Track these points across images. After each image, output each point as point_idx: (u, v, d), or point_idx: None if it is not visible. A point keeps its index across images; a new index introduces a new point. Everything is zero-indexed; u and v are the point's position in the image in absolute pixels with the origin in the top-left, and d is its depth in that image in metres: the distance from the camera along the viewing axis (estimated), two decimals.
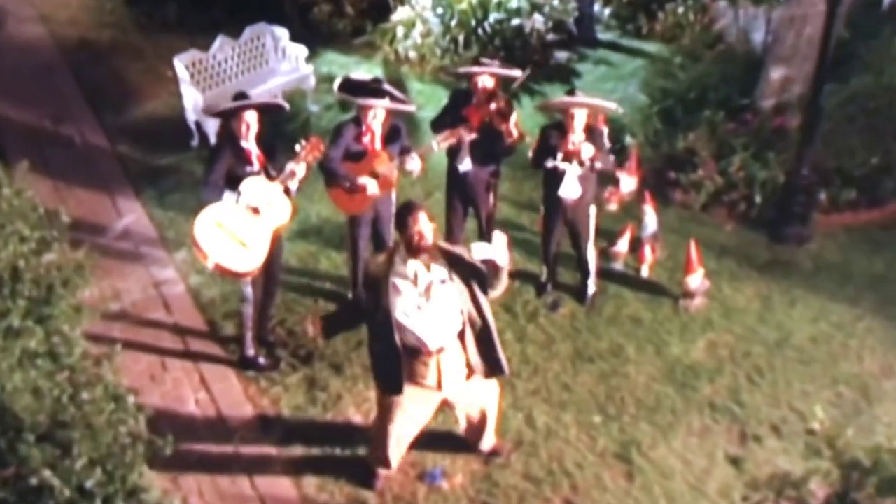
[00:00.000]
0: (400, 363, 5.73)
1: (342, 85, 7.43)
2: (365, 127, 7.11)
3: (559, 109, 7.41)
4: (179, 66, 9.83)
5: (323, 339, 6.24)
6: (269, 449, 6.70)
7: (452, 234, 7.72)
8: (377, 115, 7.06)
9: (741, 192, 8.64)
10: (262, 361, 7.32)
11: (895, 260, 8.25)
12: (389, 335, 5.68)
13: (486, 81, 7.31)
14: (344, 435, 6.77)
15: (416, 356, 5.73)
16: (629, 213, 8.60)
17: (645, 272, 8.11)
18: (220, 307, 7.86)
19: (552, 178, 7.35)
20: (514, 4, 10.83)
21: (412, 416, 6.02)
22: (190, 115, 9.92)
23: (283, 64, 10.51)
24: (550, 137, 7.29)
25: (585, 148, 7.13)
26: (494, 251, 5.54)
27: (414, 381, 5.80)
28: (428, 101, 9.99)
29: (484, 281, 5.66)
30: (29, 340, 4.07)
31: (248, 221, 6.56)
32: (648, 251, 8.08)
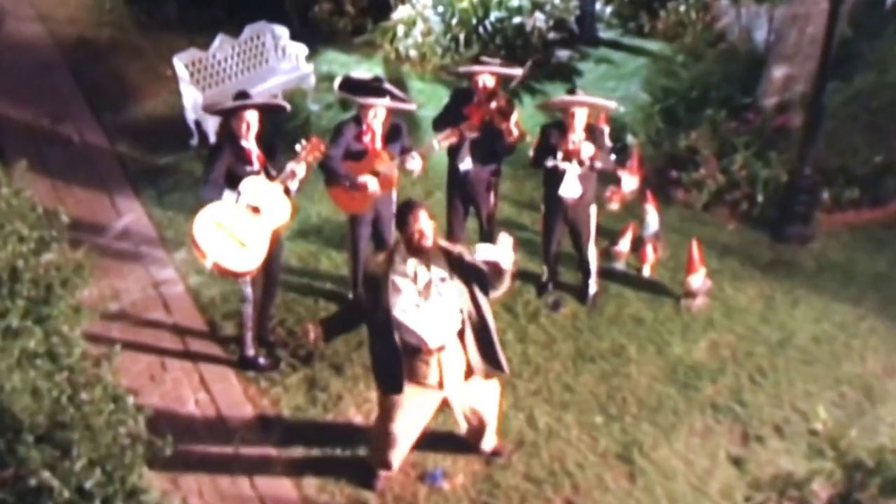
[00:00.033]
0: (400, 362, 5.71)
1: (343, 84, 7.42)
2: (365, 126, 7.09)
3: (559, 108, 7.39)
4: (179, 64, 9.82)
5: (323, 342, 6.21)
6: (269, 449, 6.68)
7: (453, 233, 7.70)
8: (378, 114, 7.05)
9: (743, 191, 8.62)
10: (262, 362, 7.30)
11: None
12: (390, 334, 5.67)
13: (486, 80, 7.29)
14: (344, 435, 6.75)
15: (416, 355, 5.71)
16: (631, 212, 8.58)
17: (646, 272, 8.10)
18: (219, 307, 7.85)
19: (552, 177, 7.33)
20: (515, 3, 10.82)
21: (413, 416, 5.99)
22: (189, 114, 9.91)
23: (283, 63, 10.50)
24: (551, 136, 7.27)
25: (585, 147, 7.11)
26: (499, 253, 5.50)
27: (415, 380, 5.79)
28: (428, 100, 10.00)
29: (484, 281, 5.64)
30: (28, 341, 4.05)
31: (247, 221, 6.55)
32: (650, 250, 8.07)
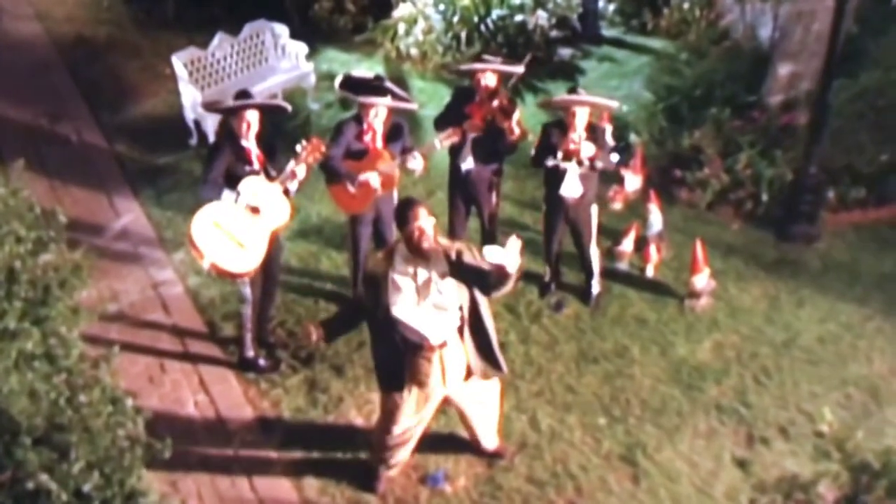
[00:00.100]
0: (401, 361, 5.71)
1: (343, 82, 7.44)
2: (366, 125, 7.07)
3: (561, 107, 7.38)
4: (178, 63, 9.80)
5: (324, 342, 6.16)
6: (269, 451, 6.66)
7: (455, 233, 7.68)
8: (379, 113, 7.03)
9: (748, 190, 8.62)
10: (262, 363, 7.28)
11: None
12: (390, 333, 5.66)
13: (488, 79, 7.28)
14: (345, 437, 6.72)
15: (418, 352, 5.69)
16: (634, 211, 8.57)
17: (650, 272, 8.08)
18: (219, 308, 7.82)
19: (553, 176, 7.32)
20: (517, 0, 10.80)
21: (415, 415, 5.98)
22: (188, 113, 9.90)
23: (282, 61, 10.50)
24: (551, 135, 7.26)
25: (586, 147, 7.10)
26: (506, 256, 5.44)
27: (417, 378, 5.77)
28: (430, 99, 10.02)
29: (484, 280, 5.61)
30: (25, 342, 3.97)
31: (246, 222, 6.52)
32: (653, 250, 8.06)
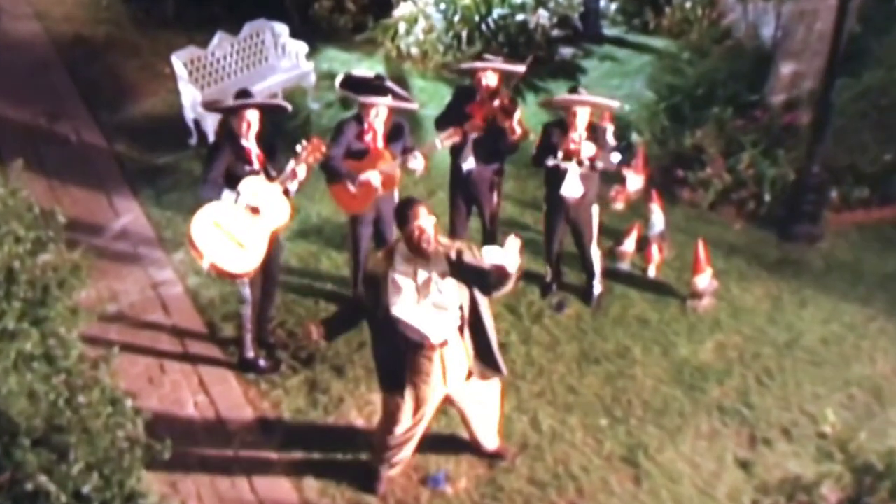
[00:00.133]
0: (402, 361, 5.69)
1: (344, 82, 7.44)
2: (367, 125, 7.06)
3: (561, 107, 7.36)
4: (177, 63, 9.78)
5: (325, 341, 6.13)
6: (269, 452, 6.64)
7: (456, 233, 7.66)
8: (379, 113, 7.01)
9: (750, 190, 8.60)
10: (262, 364, 7.25)
11: None
12: (391, 332, 5.65)
13: (489, 78, 7.26)
14: (346, 438, 6.70)
15: (419, 352, 5.68)
16: (636, 211, 8.55)
17: (652, 272, 8.06)
18: (219, 308, 7.80)
19: (554, 176, 7.30)
20: None
21: (416, 415, 5.96)
22: (188, 112, 9.88)
23: (282, 61, 10.48)
24: (552, 135, 7.25)
25: (586, 147, 7.09)
26: (506, 257, 5.42)
27: (418, 377, 5.75)
28: (430, 98, 10.01)
29: (484, 279, 5.59)
30: (24, 343, 3.94)
31: (245, 222, 6.51)
32: (655, 251, 8.04)
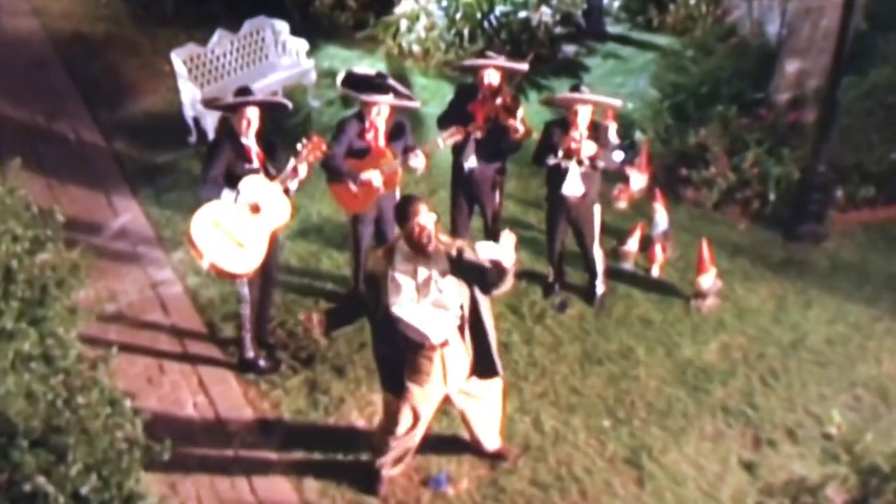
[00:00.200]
0: (402, 360, 5.67)
1: (345, 80, 7.44)
2: (368, 123, 7.04)
3: (563, 105, 7.34)
4: (177, 60, 9.77)
5: (326, 334, 6.07)
6: (269, 453, 6.62)
7: (458, 232, 7.64)
8: (381, 111, 7.00)
9: (755, 189, 8.58)
10: (262, 364, 7.23)
11: None
12: (391, 331, 5.63)
13: (491, 77, 7.25)
14: (346, 439, 6.68)
15: (419, 351, 5.65)
16: (639, 211, 8.54)
17: (655, 272, 8.04)
18: (218, 308, 7.78)
19: (555, 175, 7.28)
20: None
21: (417, 414, 5.93)
22: (188, 111, 9.87)
23: (283, 58, 10.49)
24: (553, 134, 7.23)
25: (587, 146, 7.07)
26: (501, 251, 5.41)
27: (418, 377, 5.73)
28: (432, 96, 10.01)
29: (484, 278, 5.57)
30: (22, 343, 4.00)
31: (245, 221, 6.48)
32: (659, 250, 8.01)
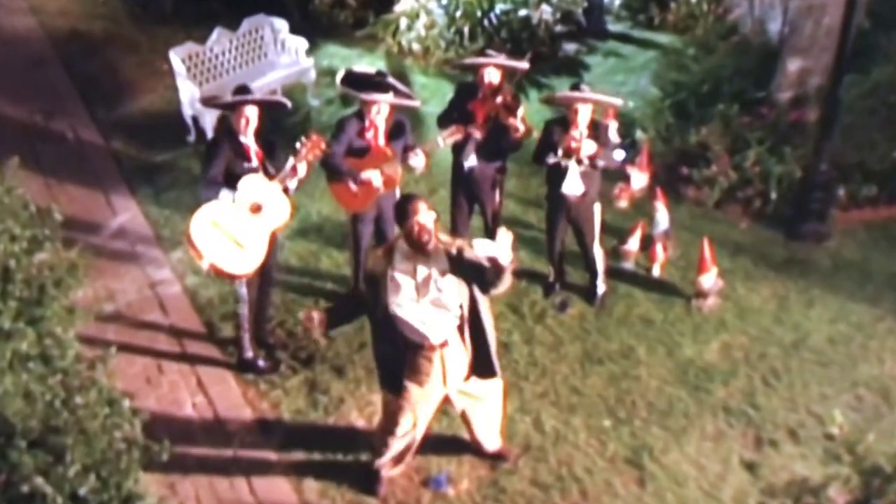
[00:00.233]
0: (401, 360, 5.66)
1: (345, 78, 7.46)
2: (368, 122, 7.02)
3: (563, 104, 7.33)
4: (175, 59, 9.76)
5: (325, 331, 6.04)
6: (268, 454, 6.60)
7: (458, 232, 7.62)
8: (381, 110, 6.98)
9: (756, 188, 8.56)
10: (261, 364, 7.21)
11: None
12: (390, 331, 5.61)
13: (492, 76, 7.23)
14: (346, 439, 6.66)
15: (418, 351, 5.63)
16: (640, 210, 8.53)
17: (656, 271, 8.02)
18: (217, 308, 7.76)
19: (555, 174, 7.27)
20: None
21: (416, 414, 5.92)
22: (186, 109, 9.86)
23: (282, 57, 10.47)
24: (553, 132, 7.21)
25: (586, 145, 7.06)
26: (497, 248, 5.41)
27: (417, 378, 5.71)
28: (432, 95, 9.99)
29: (483, 277, 5.55)
30: (20, 343, 4.00)
31: (245, 221, 6.46)
32: (660, 249, 7.99)
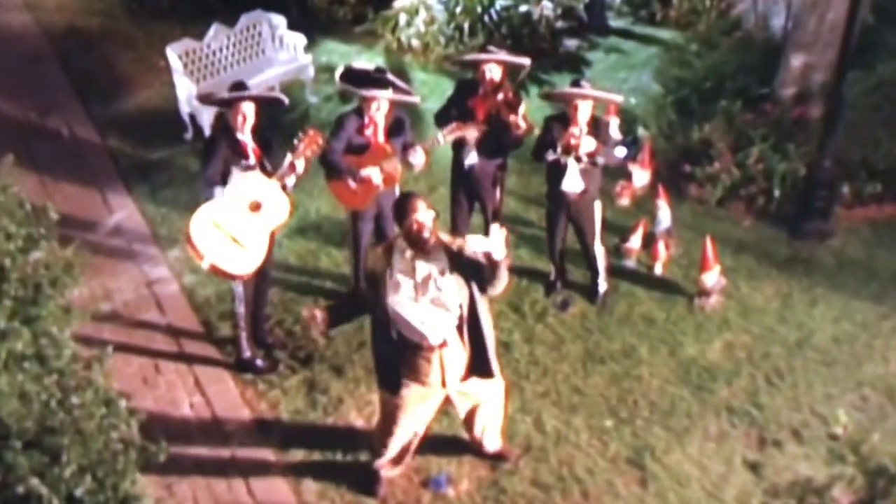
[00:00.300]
0: (399, 360, 5.64)
1: (344, 75, 7.52)
2: (368, 119, 7.01)
3: (563, 100, 7.32)
4: (172, 55, 9.72)
5: (326, 330, 6.01)
6: (267, 454, 6.59)
7: (457, 230, 7.59)
8: (381, 106, 6.96)
9: (759, 185, 8.53)
10: (259, 363, 7.18)
11: None
12: (389, 330, 5.59)
13: (493, 72, 7.20)
14: (345, 440, 6.65)
15: (417, 352, 5.61)
16: (642, 207, 8.49)
17: (658, 270, 7.99)
18: (215, 307, 7.73)
19: (555, 171, 7.25)
20: None
21: (416, 415, 5.91)
22: (183, 106, 9.83)
23: (280, 53, 10.43)
24: (553, 129, 7.19)
25: (586, 142, 7.04)
26: (490, 244, 5.39)
27: (416, 378, 5.69)
28: (432, 91, 9.94)
29: (482, 276, 5.53)
30: (15, 342, 3.98)
31: (245, 220, 6.43)
32: (662, 248, 7.97)
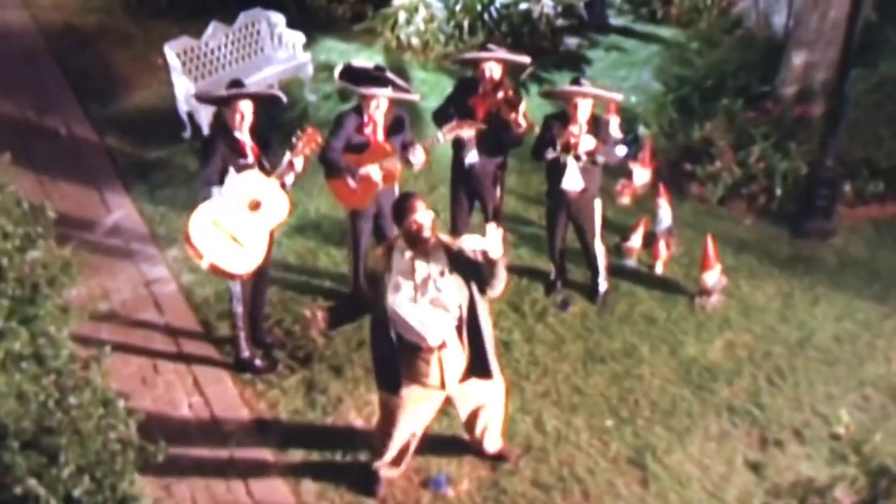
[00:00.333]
0: (398, 360, 5.62)
1: (343, 72, 7.39)
2: (367, 117, 6.99)
3: (562, 98, 7.31)
4: (170, 53, 9.70)
5: (327, 329, 6.00)
6: (266, 454, 6.58)
7: (457, 229, 7.58)
8: (380, 104, 6.94)
9: (761, 184, 8.51)
10: (258, 363, 7.17)
11: None
12: (388, 331, 5.58)
13: (493, 70, 7.19)
14: (345, 440, 6.64)
15: (417, 353, 5.59)
16: (643, 206, 8.48)
17: (659, 269, 7.98)
18: (213, 307, 7.71)
19: (555, 170, 7.24)
20: None
21: (415, 416, 5.89)
22: (182, 105, 9.81)
23: (279, 51, 10.42)
24: (552, 127, 7.18)
25: (585, 140, 7.03)
26: (486, 242, 5.38)
27: (416, 380, 5.67)
28: (431, 90, 9.94)
29: (482, 276, 5.51)
30: (13, 342, 3.98)
31: (244, 220, 6.42)
32: (663, 247, 7.96)
